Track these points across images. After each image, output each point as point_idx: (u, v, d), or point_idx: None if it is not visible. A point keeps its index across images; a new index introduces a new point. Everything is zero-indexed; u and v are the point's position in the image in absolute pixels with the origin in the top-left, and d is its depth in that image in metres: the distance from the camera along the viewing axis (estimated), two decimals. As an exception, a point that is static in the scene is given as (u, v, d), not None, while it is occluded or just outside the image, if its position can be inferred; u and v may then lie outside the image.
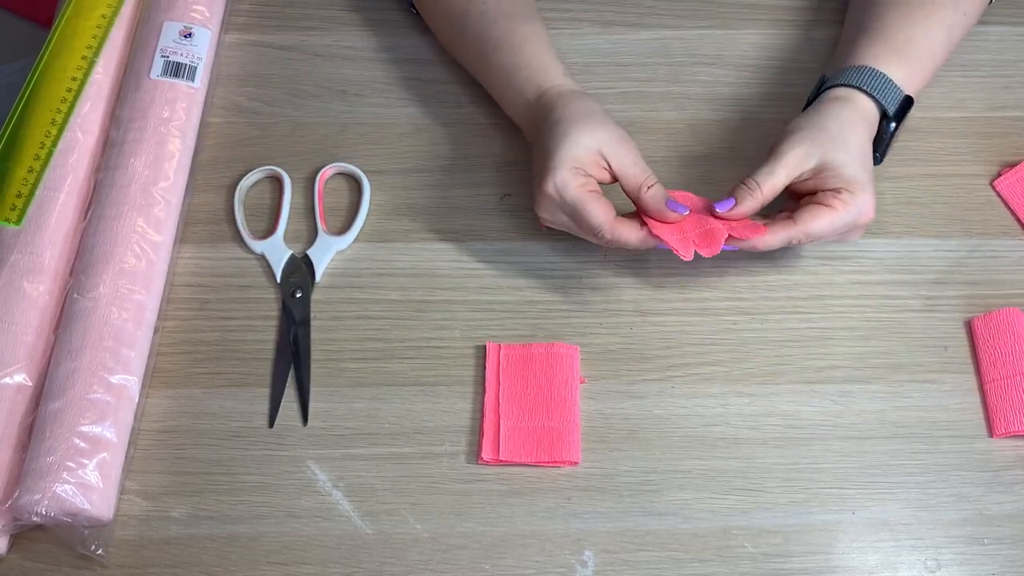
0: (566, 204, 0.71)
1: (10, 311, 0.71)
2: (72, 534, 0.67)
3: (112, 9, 0.85)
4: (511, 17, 0.80)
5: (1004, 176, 0.83)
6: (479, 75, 0.83)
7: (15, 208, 0.75)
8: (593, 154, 0.72)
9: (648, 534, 0.70)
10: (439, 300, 0.78)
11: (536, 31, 0.79)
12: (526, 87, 0.77)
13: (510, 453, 0.72)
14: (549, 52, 0.79)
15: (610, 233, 0.71)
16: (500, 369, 0.75)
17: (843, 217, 0.72)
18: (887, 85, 0.76)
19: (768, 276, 0.79)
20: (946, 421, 0.74)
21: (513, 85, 0.78)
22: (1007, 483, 0.72)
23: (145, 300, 0.74)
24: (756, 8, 0.92)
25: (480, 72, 0.82)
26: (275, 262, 0.79)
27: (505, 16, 0.79)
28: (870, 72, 0.76)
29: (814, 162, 0.72)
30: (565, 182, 0.71)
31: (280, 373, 0.75)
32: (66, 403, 0.68)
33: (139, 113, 0.79)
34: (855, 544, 0.70)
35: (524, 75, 0.77)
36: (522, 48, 0.78)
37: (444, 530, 0.70)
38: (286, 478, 0.71)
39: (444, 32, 0.85)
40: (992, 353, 0.76)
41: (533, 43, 0.78)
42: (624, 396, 0.75)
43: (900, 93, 0.76)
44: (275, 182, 0.83)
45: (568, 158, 0.71)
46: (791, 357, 0.76)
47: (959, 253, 0.81)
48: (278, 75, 0.87)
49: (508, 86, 0.78)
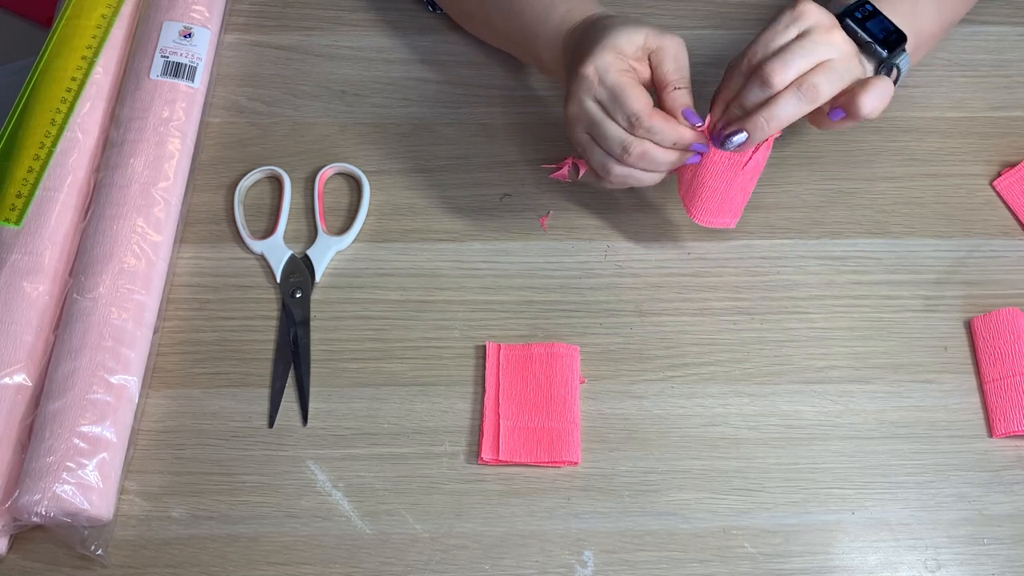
0: (604, 87, 0.69)
1: (10, 311, 0.71)
2: (72, 534, 0.67)
3: (112, 9, 0.85)
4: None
5: (1004, 176, 0.83)
6: (508, 27, 0.80)
7: (15, 208, 0.75)
8: (637, 47, 0.70)
9: (648, 534, 0.70)
10: (439, 300, 0.78)
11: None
12: (567, 18, 0.75)
13: (510, 453, 0.72)
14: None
15: (648, 120, 0.68)
16: (500, 369, 0.75)
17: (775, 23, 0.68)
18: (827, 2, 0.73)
19: (768, 276, 0.79)
20: (946, 421, 0.74)
21: (551, 21, 0.76)
22: (1007, 483, 0.72)
23: (145, 300, 0.74)
24: (756, 8, 0.92)
25: (509, 23, 0.80)
26: (275, 262, 0.79)
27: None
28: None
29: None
30: (608, 64, 0.69)
31: (280, 373, 0.75)
32: (66, 403, 0.68)
33: (139, 113, 0.79)
34: (855, 544, 0.70)
35: (563, 8, 0.76)
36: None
37: (444, 530, 0.70)
38: (286, 478, 0.71)
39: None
40: (992, 353, 0.76)
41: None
42: (624, 396, 0.75)
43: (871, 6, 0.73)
44: (275, 182, 0.83)
45: (612, 45, 0.69)
46: (791, 357, 0.76)
47: (959, 253, 0.81)
48: (278, 75, 0.87)
49: (545, 24, 0.76)
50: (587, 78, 0.69)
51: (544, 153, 0.84)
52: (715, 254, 0.80)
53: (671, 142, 0.70)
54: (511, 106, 0.86)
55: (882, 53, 0.72)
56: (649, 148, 0.69)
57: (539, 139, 0.84)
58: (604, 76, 0.69)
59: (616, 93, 0.68)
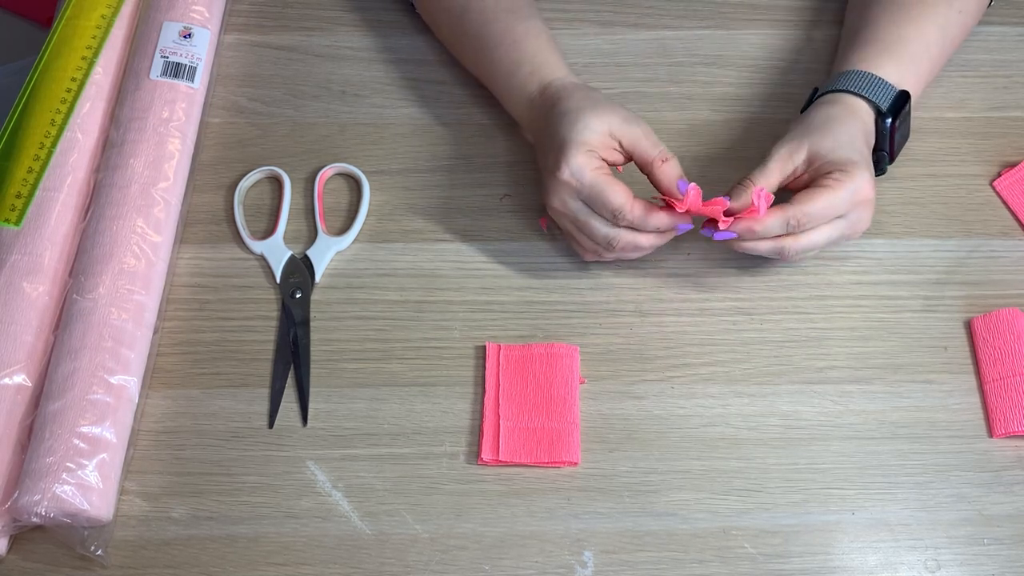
0: (584, 188, 0.71)
1: (10, 311, 0.71)
2: (72, 535, 0.67)
3: (112, 9, 0.85)
4: (512, 13, 0.80)
5: (1004, 176, 0.83)
6: (480, 72, 0.83)
7: (14, 208, 0.75)
8: (604, 137, 0.72)
9: (647, 534, 0.70)
10: (439, 300, 0.78)
11: (537, 27, 0.80)
12: (529, 81, 0.77)
13: (510, 453, 0.72)
14: (551, 47, 0.79)
15: (630, 213, 0.70)
16: (500, 369, 0.75)
17: (838, 194, 0.71)
18: (877, 83, 0.76)
19: (768, 276, 0.79)
20: (946, 421, 0.74)
21: (515, 80, 0.78)
22: (1007, 483, 0.72)
23: (145, 300, 0.74)
24: (756, 8, 0.92)
25: (481, 69, 0.82)
26: (275, 262, 0.79)
27: (506, 12, 0.80)
28: (857, 74, 0.76)
29: (803, 154, 0.73)
30: (581, 166, 0.70)
31: (280, 373, 0.75)
32: (66, 404, 0.68)
33: (139, 113, 0.79)
34: (855, 544, 0.70)
35: (527, 70, 0.77)
36: (524, 43, 0.78)
37: (444, 531, 0.70)
38: (286, 479, 0.71)
39: (444, 29, 0.85)
40: (992, 353, 0.76)
41: (535, 38, 0.79)
42: (624, 396, 0.75)
43: (892, 89, 0.76)
44: (275, 182, 0.83)
45: (581, 143, 0.71)
46: (791, 357, 0.76)
47: (959, 253, 0.81)
48: (278, 75, 0.87)
49: (510, 82, 0.78)
50: (566, 183, 0.71)
51: (544, 153, 0.84)
52: (715, 254, 0.80)
53: (653, 228, 0.72)
54: (511, 106, 0.86)
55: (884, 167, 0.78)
56: (634, 237, 0.72)
57: (539, 139, 0.84)
58: (581, 178, 0.71)
59: (596, 193, 0.71)
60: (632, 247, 0.73)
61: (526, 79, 0.77)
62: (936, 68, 0.81)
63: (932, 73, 0.81)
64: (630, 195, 0.71)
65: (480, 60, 0.81)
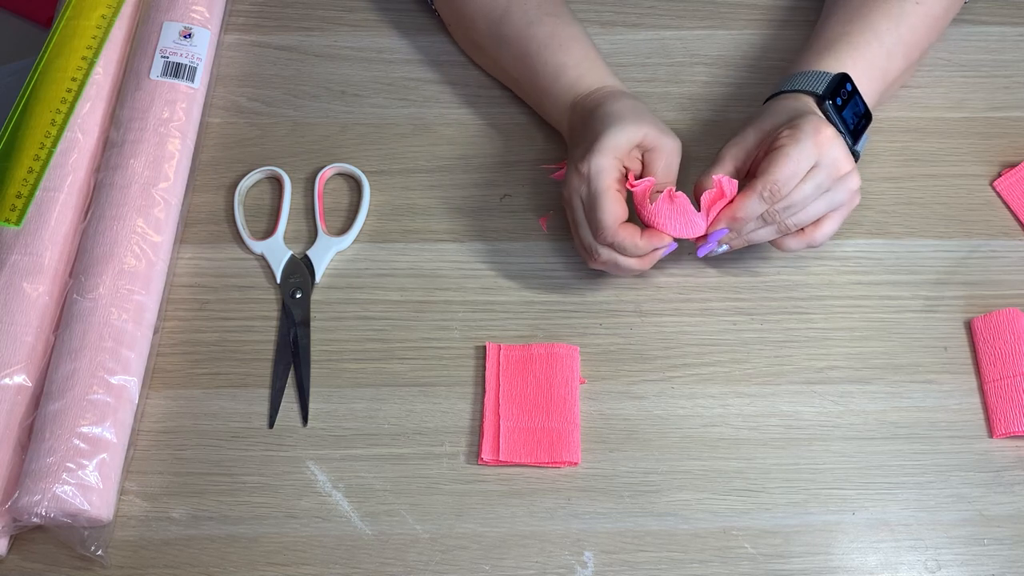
0: (588, 189, 0.71)
1: (10, 312, 0.71)
2: (72, 535, 0.67)
3: (112, 9, 0.84)
4: (556, 17, 0.80)
5: (1004, 176, 0.83)
6: (518, 73, 0.82)
7: (15, 209, 0.75)
8: (633, 144, 0.72)
9: (648, 535, 0.70)
10: (439, 300, 0.78)
11: (581, 32, 0.81)
12: (577, 84, 0.78)
13: (510, 454, 0.72)
14: (597, 53, 0.80)
15: (611, 235, 0.71)
16: (500, 369, 0.75)
17: (794, 147, 0.69)
18: (811, 76, 0.76)
19: (768, 277, 0.79)
20: (946, 421, 0.74)
21: (561, 82, 0.78)
22: (1007, 484, 0.72)
23: (145, 301, 0.74)
24: (756, 8, 0.92)
25: (520, 70, 0.82)
26: (275, 263, 0.79)
27: (549, 15, 0.80)
28: (795, 77, 0.77)
29: (752, 137, 0.73)
30: (600, 169, 0.71)
31: (280, 374, 0.75)
32: (66, 404, 0.68)
33: (139, 113, 0.79)
34: (855, 545, 0.70)
35: (574, 73, 0.78)
36: (570, 47, 0.79)
37: (444, 531, 0.70)
38: (286, 479, 0.71)
39: (481, 30, 0.83)
40: (992, 353, 0.76)
41: (581, 43, 0.80)
42: (624, 396, 0.75)
43: (827, 75, 0.75)
44: (275, 182, 0.83)
45: (611, 146, 0.71)
46: (791, 358, 0.76)
47: (959, 254, 0.81)
48: (278, 75, 0.87)
49: (555, 83, 0.79)
50: (580, 173, 0.72)
51: (544, 153, 0.84)
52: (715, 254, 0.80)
53: (634, 254, 0.72)
54: (511, 106, 0.86)
55: (849, 143, 0.75)
56: (614, 256, 0.72)
57: (539, 139, 0.84)
58: (592, 180, 0.71)
59: (593, 201, 0.71)
60: (613, 265, 0.73)
61: (575, 81, 0.78)
62: (897, 58, 0.80)
63: (893, 61, 0.80)
64: (621, 219, 0.71)
65: (521, 62, 0.81)
